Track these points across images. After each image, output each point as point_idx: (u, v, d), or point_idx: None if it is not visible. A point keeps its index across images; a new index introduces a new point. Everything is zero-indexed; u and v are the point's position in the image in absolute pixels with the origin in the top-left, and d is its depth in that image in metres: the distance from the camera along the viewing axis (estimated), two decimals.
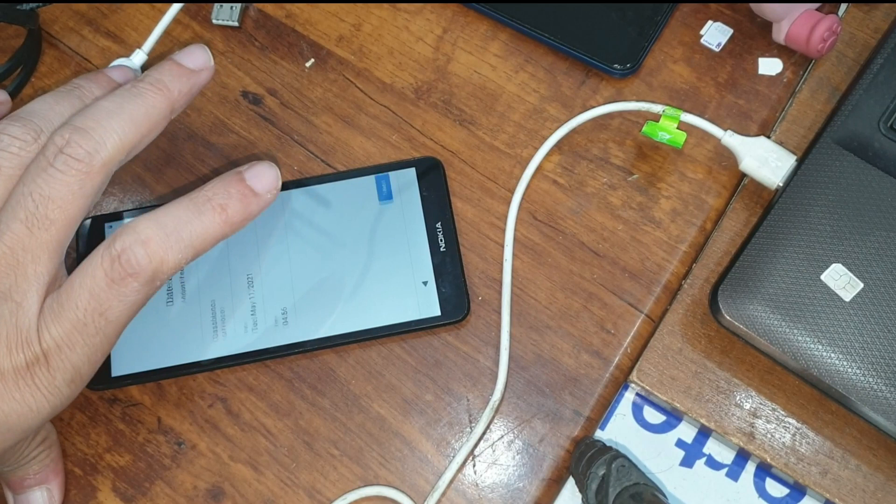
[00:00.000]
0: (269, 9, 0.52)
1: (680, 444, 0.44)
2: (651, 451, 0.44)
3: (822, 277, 0.41)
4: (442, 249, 0.45)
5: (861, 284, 0.40)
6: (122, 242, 0.35)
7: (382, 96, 0.50)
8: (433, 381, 0.44)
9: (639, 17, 0.49)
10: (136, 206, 0.48)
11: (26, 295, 0.35)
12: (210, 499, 0.43)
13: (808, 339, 0.40)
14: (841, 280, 0.41)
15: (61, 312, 0.35)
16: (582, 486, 0.40)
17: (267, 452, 0.44)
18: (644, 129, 0.45)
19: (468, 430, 0.44)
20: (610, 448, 0.41)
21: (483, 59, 0.50)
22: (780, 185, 0.43)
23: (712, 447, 0.44)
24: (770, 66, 0.48)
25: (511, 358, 0.44)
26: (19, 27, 0.52)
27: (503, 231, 0.46)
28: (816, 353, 0.40)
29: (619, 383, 0.44)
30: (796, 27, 0.45)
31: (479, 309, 0.45)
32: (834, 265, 0.41)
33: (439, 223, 0.46)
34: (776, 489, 0.43)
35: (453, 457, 0.43)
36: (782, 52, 0.48)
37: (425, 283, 0.45)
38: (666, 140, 0.45)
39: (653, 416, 0.44)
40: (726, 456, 0.44)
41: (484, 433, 0.43)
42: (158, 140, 0.50)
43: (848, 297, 0.40)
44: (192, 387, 0.45)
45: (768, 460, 0.42)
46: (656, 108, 0.45)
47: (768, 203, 0.44)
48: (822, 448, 0.42)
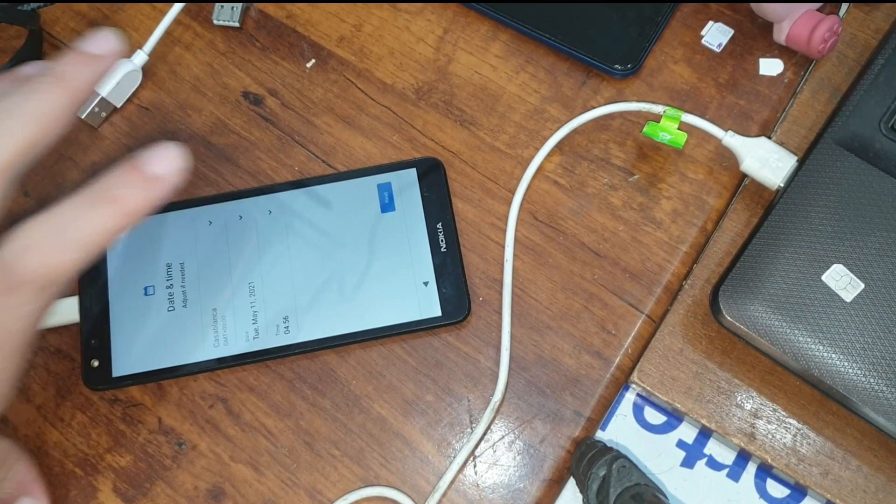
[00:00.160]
0: (270, 9, 0.52)
1: (681, 444, 0.44)
2: (652, 451, 0.44)
3: (823, 278, 0.41)
4: (443, 250, 0.45)
5: (862, 285, 0.40)
6: (10, 250, 0.33)
7: (383, 97, 0.50)
8: (434, 381, 0.44)
9: (639, 17, 0.49)
10: None
11: None
12: (211, 499, 0.43)
13: (809, 339, 0.40)
14: (842, 281, 0.41)
15: None
16: (583, 487, 0.40)
17: (267, 453, 0.44)
18: (645, 129, 0.45)
19: (469, 430, 0.44)
20: (611, 449, 0.41)
21: (484, 59, 0.50)
22: (781, 185, 0.43)
23: (713, 448, 0.44)
24: (771, 66, 0.48)
25: (512, 358, 0.44)
26: (20, 28, 0.52)
27: (504, 231, 0.46)
28: (817, 353, 0.40)
29: (620, 384, 0.44)
30: (797, 28, 0.45)
31: (480, 309, 0.45)
32: (835, 266, 0.41)
33: (440, 223, 0.46)
34: (777, 490, 0.43)
35: (454, 457, 0.43)
36: (783, 52, 0.48)
37: (426, 284, 0.45)
38: (667, 141, 0.45)
39: (653, 416, 0.44)
40: (727, 457, 0.44)
41: (485, 434, 0.43)
42: (159, 140, 0.50)
43: (849, 298, 0.40)
44: (193, 387, 0.45)
45: (769, 461, 0.42)
46: (657, 108, 0.45)
47: (769, 204, 0.44)
48: (823, 449, 0.42)
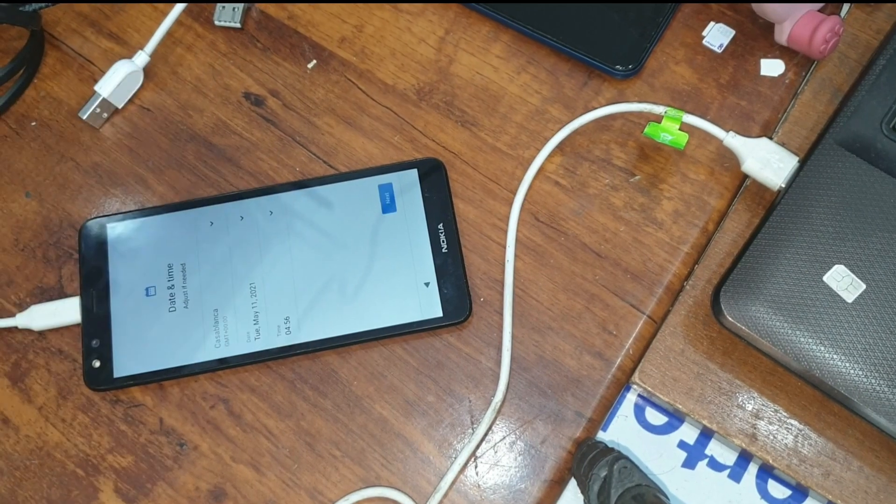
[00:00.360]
0: (272, 10, 0.52)
1: (682, 445, 0.44)
2: (653, 452, 0.44)
3: (825, 279, 0.41)
4: (444, 250, 0.45)
5: (863, 286, 0.40)
6: None
7: (384, 97, 0.50)
8: (435, 382, 0.44)
9: (641, 18, 0.49)
10: (137, 208, 0.48)
11: None
12: (212, 500, 0.43)
13: (810, 340, 0.40)
14: (843, 281, 0.41)
15: None
16: (584, 488, 0.40)
17: (269, 453, 0.44)
18: (646, 130, 0.45)
19: (470, 431, 0.44)
20: (612, 449, 0.41)
21: (485, 60, 0.50)
22: (783, 186, 0.43)
23: (714, 448, 0.44)
24: (772, 67, 0.48)
25: (513, 359, 0.44)
26: (22, 28, 0.52)
27: (505, 232, 0.46)
28: (819, 354, 0.40)
29: (621, 384, 0.44)
30: (798, 28, 0.45)
31: (481, 310, 0.45)
32: (836, 266, 0.41)
33: (441, 224, 0.46)
34: (778, 491, 0.43)
35: (455, 458, 0.43)
36: (784, 53, 0.48)
37: (427, 285, 0.45)
38: (668, 141, 0.45)
39: (655, 417, 0.44)
40: (728, 457, 0.43)
41: (486, 434, 0.43)
42: (160, 141, 0.50)
43: (850, 299, 0.40)
44: (194, 388, 0.45)
45: (770, 462, 0.42)
46: (658, 109, 0.45)
47: (770, 204, 0.44)
48: (824, 449, 0.42)
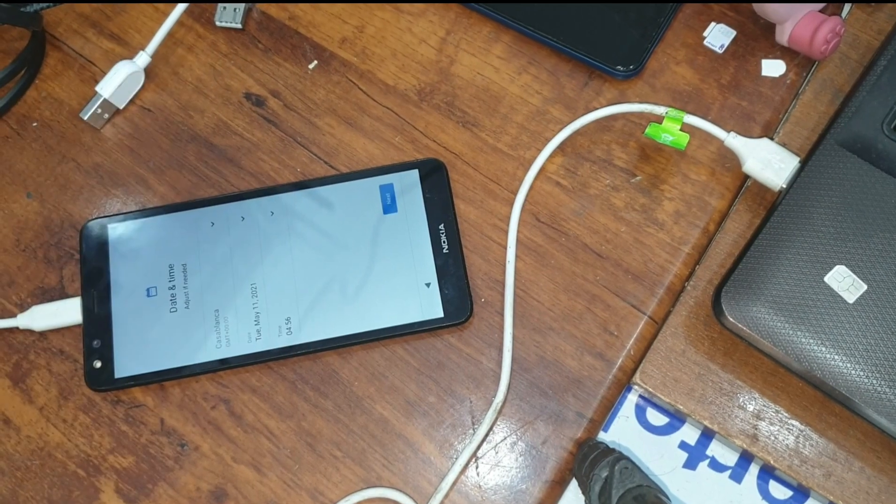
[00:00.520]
0: (273, 11, 0.52)
1: (683, 446, 0.44)
2: (654, 453, 0.44)
3: (826, 279, 0.41)
4: (445, 251, 0.45)
5: (865, 286, 0.40)
6: None
7: (385, 98, 0.50)
8: (436, 382, 0.44)
9: (642, 18, 0.49)
10: (138, 208, 0.48)
11: None
12: (213, 500, 0.43)
13: (811, 341, 0.40)
14: (844, 282, 0.41)
15: None
16: (585, 489, 0.40)
17: (270, 454, 0.44)
18: (647, 130, 0.45)
19: (471, 431, 0.44)
20: (613, 450, 0.41)
21: (486, 60, 0.50)
22: (784, 186, 0.43)
23: (715, 449, 0.44)
24: (773, 67, 0.48)
25: (514, 360, 0.44)
26: (23, 29, 0.52)
27: (506, 233, 0.46)
28: (820, 355, 0.40)
29: (622, 385, 0.44)
30: (799, 29, 0.45)
31: (482, 311, 0.45)
32: (837, 267, 0.41)
33: (442, 225, 0.46)
34: (780, 491, 0.43)
35: (456, 458, 0.43)
36: (785, 53, 0.48)
37: (428, 285, 0.45)
38: (669, 142, 0.45)
39: (656, 418, 0.44)
40: (730, 458, 0.43)
41: (487, 435, 0.43)
42: (161, 142, 0.50)
43: (851, 299, 0.40)
44: (195, 388, 0.45)
45: (772, 462, 0.42)
46: (659, 109, 0.45)
47: (771, 205, 0.44)
48: (825, 450, 0.42)
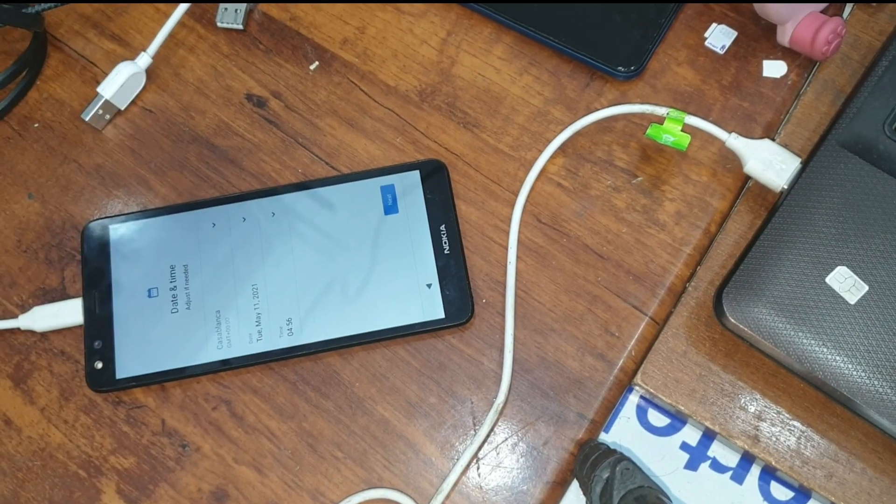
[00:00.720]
0: (274, 11, 0.52)
1: (684, 446, 0.44)
2: (655, 453, 0.44)
3: (827, 280, 0.41)
4: (446, 252, 0.45)
5: (866, 287, 0.40)
6: None
7: (386, 99, 0.50)
8: (437, 383, 0.44)
9: (643, 19, 0.49)
10: (140, 209, 0.48)
11: None
12: (214, 501, 0.43)
13: (812, 341, 0.40)
14: (846, 283, 0.41)
15: None
16: (586, 489, 0.40)
17: (271, 455, 0.44)
18: (648, 131, 0.45)
19: (472, 432, 0.44)
20: (614, 451, 0.41)
21: (487, 61, 0.50)
22: (785, 187, 0.43)
23: (717, 450, 0.44)
24: (774, 68, 0.48)
25: (515, 360, 0.44)
26: (25, 30, 0.52)
27: (507, 234, 0.46)
28: (821, 355, 0.40)
29: (624, 386, 0.44)
30: (801, 29, 0.45)
31: (483, 311, 0.45)
32: (839, 268, 0.41)
33: (443, 226, 0.46)
34: (781, 492, 0.43)
35: (457, 459, 0.43)
36: (787, 54, 0.48)
37: (429, 286, 0.45)
38: (670, 142, 0.45)
39: (657, 418, 0.44)
40: (731, 459, 0.43)
41: (488, 436, 0.43)
42: (162, 143, 0.50)
43: (853, 300, 0.40)
44: (197, 389, 0.45)
45: (773, 463, 0.42)
46: (660, 110, 0.45)
47: (773, 206, 0.44)
48: (827, 451, 0.42)
